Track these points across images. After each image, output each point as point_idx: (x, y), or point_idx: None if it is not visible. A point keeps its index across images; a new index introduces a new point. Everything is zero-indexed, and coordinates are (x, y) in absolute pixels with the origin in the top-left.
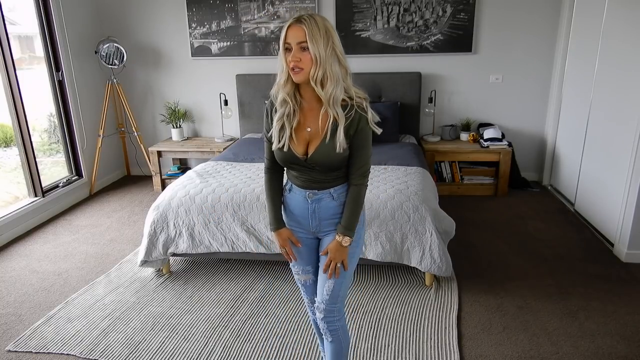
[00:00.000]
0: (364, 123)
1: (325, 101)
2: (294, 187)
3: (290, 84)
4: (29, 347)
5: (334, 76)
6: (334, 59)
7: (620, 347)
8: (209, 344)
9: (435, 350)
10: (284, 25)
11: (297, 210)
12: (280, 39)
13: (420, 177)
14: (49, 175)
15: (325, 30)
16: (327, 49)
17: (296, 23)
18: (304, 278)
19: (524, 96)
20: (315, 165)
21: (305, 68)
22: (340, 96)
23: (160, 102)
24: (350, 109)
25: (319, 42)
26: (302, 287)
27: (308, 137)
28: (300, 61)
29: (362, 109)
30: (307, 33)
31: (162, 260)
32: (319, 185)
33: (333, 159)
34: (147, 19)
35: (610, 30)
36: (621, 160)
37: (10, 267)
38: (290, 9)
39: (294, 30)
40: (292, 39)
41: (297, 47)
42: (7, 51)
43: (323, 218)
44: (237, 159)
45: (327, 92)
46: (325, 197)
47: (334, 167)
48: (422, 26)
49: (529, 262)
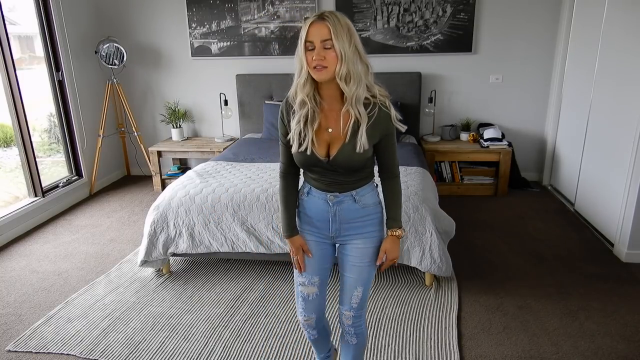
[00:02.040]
0: (389, 121)
1: (349, 99)
2: (313, 189)
3: (310, 84)
4: (29, 347)
5: (356, 74)
6: (356, 57)
7: (620, 347)
8: (209, 344)
9: (435, 350)
10: (304, 24)
11: (316, 214)
12: (301, 38)
13: (420, 177)
14: (49, 175)
15: (347, 28)
16: (350, 46)
17: (319, 20)
18: (308, 291)
19: (524, 96)
20: (337, 167)
21: (330, 66)
22: (363, 95)
23: (160, 102)
24: (373, 107)
25: (344, 39)
26: (303, 301)
27: (329, 138)
28: (325, 59)
29: (386, 107)
30: (331, 30)
31: (162, 260)
32: (341, 187)
33: (356, 160)
34: (147, 19)
35: (610, 30)
36: (621, 160)
37: (10, 267)
38: (290, 9)
39: (317, 27)
40: (315, 36)
41: (321, 45)
42: (7, 51)
43: (344, 221)
44: (237, 159)
45: (351, 91)
46: (347, 199)
47: (357, 168)
48: (422, 26)
49: (529, 262)
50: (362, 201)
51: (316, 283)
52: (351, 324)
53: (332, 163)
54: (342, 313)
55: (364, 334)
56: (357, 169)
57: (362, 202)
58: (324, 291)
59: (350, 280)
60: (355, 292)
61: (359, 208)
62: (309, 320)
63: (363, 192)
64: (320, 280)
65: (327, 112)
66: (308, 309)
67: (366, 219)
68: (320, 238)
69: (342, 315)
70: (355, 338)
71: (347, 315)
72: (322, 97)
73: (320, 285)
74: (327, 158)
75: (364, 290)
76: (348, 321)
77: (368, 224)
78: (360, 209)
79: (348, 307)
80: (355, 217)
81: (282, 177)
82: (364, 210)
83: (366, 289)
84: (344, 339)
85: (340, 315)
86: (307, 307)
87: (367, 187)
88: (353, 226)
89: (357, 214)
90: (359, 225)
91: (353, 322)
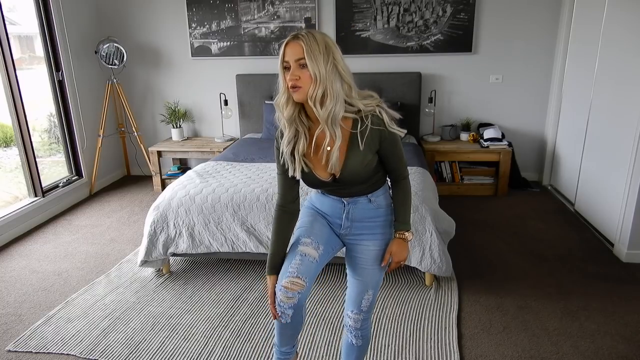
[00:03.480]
0: (383, 129)
1: (322, 121)
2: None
3: (292, 104)
4: (29, 347)
5: (334, 94)
6: (335, 76)
7: (620, 347)
8: (209, 344)
9: (435, 350)
10: (282, 43)
11: (329, 210)
12: (279, 58)
13: (420, 177)
14: (49, 175)
15: (325, 46)
16: (327, 66)
17: (293, 40)
18: (310, 252)
19: (524, 96)
20: (345, 184)
21: (305, 86)
22: (340, 114)
23: (160, 102)
24: (361, 123)
25: (319, 59)
26: (300, 260)
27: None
28: (299, 79)
29: (376, 116)
30: (305, 49)
31: (162, 260)
32: (355, 194)
33: (362, 174)
34: (147, 19)
35: (610, 30)
36: (621, 160)
37: (10, 267)
38: (291, 9)
39: (292, 47)
40: (290, 56)
41: (296, 64)
42: (7, 51)
43: (357, 220)
44: (237, 159)
45: (326, 111)
46: (362, 199)
47: (365, 179)
48: (422, 26)
49: (529, 262)
50: (376, 202)
51: (319, 250)
52: (359, 327)
53: (339, 182)
54: (350, 316)
55: (368, 336)
56: (367, 180)
57: (376, 203)
58: (321, 265)
59: (361, 284)
60: (365, 295)
61: (373, 208)
62: (296, 285)
63: (378, 194)
64: (324, 251)
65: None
66: (303, 269)
67: (377, 220)
68: (331, 224)
69: (348, 317)
70: (361, 340)
71: (355, 318)
72: (310, 118)
73: (321, 256)
74: (333, 176)
75: (374, 293)
76: (356, 324)
77: (378, 225)
78: (374, 209)
79: (357, 310)
80: (367, 217)
81: (278, 210)
82: (377, 211)
83: (376, 292)
84: (347, 340)
85: (346, 317)
86: (302, 266)
87: (381, 189)
88: (365, 225)
89: (370, 214)
90: (370, 226)
91: (361, 325)
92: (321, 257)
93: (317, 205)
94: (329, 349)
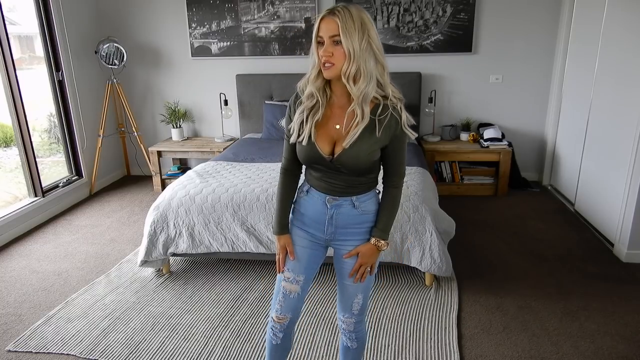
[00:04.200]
0: (398, 126)
1: (355, 98)
2: (313, 190)
3: (321, 78)
4: (29, 347)
5: (367, 73)
6: (369, 54)
7: (620, 347)
8: (209, 344)
9: (435, 350)
10: (317, 17)
11: (312, 214)
12: (313, 32)
13: (420, 177)
14: (49, 175)
15: (360, 23)
16: (362, 43)
17: (329, 15)
18: (291, 289)
19: (524, 96)
20: (341, 167)
21: (337, 63)
22: (372, 94)
23: (160, 102)
24: (384, 110)
25: (354, 36)
26: (283, 298)
27: (335, 135)
28: (333, 56)
29: (397, 111)
30: (340, 26)
31: (162, 260)
32: (342, 190)
33: (361, 162)
34: (147, 19)
35: (610, 30)
36: (621, 160)
37: (10, 267)
38: (291, 8)
39: (327, 22)
40: (325, 32)
41: (330, 40)
42: (7, 51)
43: (340, 226)
44: (237, 159)
45: (359, 89)
46: (346, 204)
47: (361, 171)
48: (422, 26)
49: (529, 262)
50: (361, 207)
51: (300, 282)
52: (353, 330)
53: (336, 162)
54: (342, 320)
55: (364, 338)
56: (361, 172)
57: (361, 209)
58: (305, 292)
59: (350, 288)
60: (355, 299)
61: (357, 214)
62: (282, 320)
63: (364, 199)
64: (305, 279)
65: (335, 108)
66: (285, 307)
67: (364, 226)
68: (312, 238)
69: (341, 321)
70: (356, 342)
71: (348, 322)
72: (332, 91)
73: (303, 284)
74: (331, 156)
75: (364, 297)
76: (349, 327)
77: (365, 231)
78: (358, 215)
79: (349, 314)
80: (352, 223)
81: (282, 173)
82: (362, 216)
83: (366, 296)
84: (342, 343)
85: (340, 321)
86: (285, 304)
87: (368, 194)
88: (349, 232)
89: (355, 219)
90: (355, 232)
91: (355, 328)
92: (304, 285)
93: (302, 210)
94: (329, 349)
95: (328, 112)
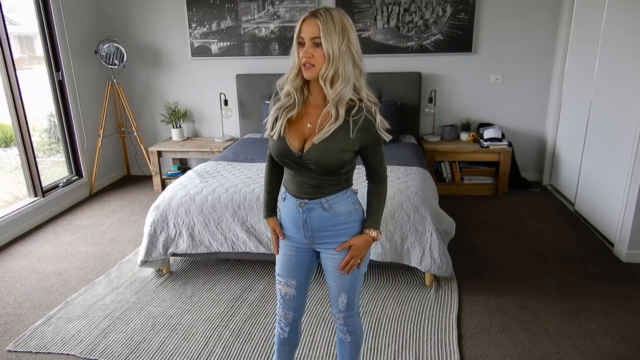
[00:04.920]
0: (373, 128)
1: (330, 100)
2: (288, 196)
3: (300, 78)
4: (29, 347)
5: (345, 75)
6: (348, 58)
7: (620, 347)
8: (209, 344)
9: (435, 350)
10: (299, 19)
11: (290, 220)
12: (295, 33)
13: (420, 177)
14: (49, 175)
15: (341, 26)
16: (341, 47)
17: (311, 17)
18: (285, 290)
19: (524, 96)
20: (309, 163)
21: (317, 65)
22: (348, 96)
23: (160, 102)
24: (358, 112)
25: (334, 39)
26: (281, 298)
27: (307, 133)
28: (313, 57)
29: (371, 114)
30: (321, 28)
31: (162, 260)
32: (311, 191)
33: (330, 160)
34: (147, 19)
35: (610, 30)
36: (621, 160)
37: (10, 267)
38: (291, 8)
39: (308, 24)
40: (306, 33)
41: (310, 42)
42: (7, 51)
43: (316, 229)
44: (237, 159)
45: (336, 91)
46: (317, 207)
47: (329, 169)
48: (422, 26)
49: (529, 262)
50: (332, 209)
51: (293, 285)
52: (343, 324)
53: (304, 158)
54: (334, 314)
55: (357, 332)
56: (330, 171)
57: (332, 210)
58: (302, 293)
59: (333, 288)
60: (339, 298)
61: (329, 216)
62: (285, 316)
63: (334, 200)
64: (298, 283)
65: (311, 108)
66: (286, 306)
67: (339, 228)
68: (295, 244)
69: (333, 316)
70: (349, 336)
71: (337, 317)
72: (310, 91)
73: (297, 287)
74: (300, 152)
75: (348, 296)
76: (340, 321)
77: (342, 234)
78: (331, 218)
79: (336, 310)
80: (326, 226)
81: (268, 160)
82: (335, 219)
83: (351, 295)
84: (338, 337)
85: (333, 315)
86: (285, 304)
87: (339, 195)
88: (326, 235)
89: (329, 222)
90: (332, 234)
91: (345, 322)
92: (298, 288)
93: (283, 216)
94: (329, 349)
95: (302, 111)
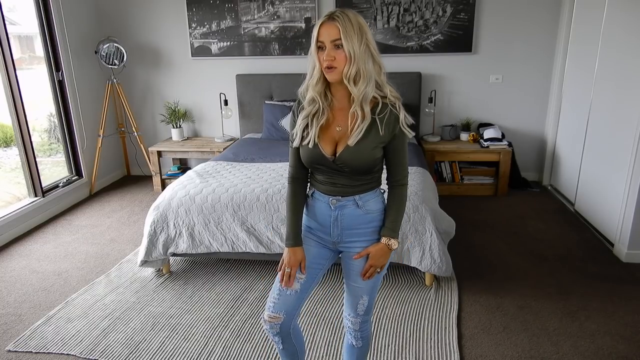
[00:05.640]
0: (398, 122)
1: (356, 99)
2: (317, 192)
3: (322, 82)
4: (29, 347)
5: (367, 74)
6: (367, 56)
7: (620, 347)
8: (209, 344)
9: (435, 350)
10: (316, 23)
11: (319, 217)
12: (312, 38)
13: (420, 177)
14: (49, 175)
15: (358, 26)
16: (361, 46)
17: (329, 20)
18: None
19: (524, 96)
20: (343, 166)
21: (339, 66)
22: (371, 94)
23: (160, 102)
24: (384, 108)
25: (353, 39)
26: (279, 294)
27: (337, 136)
28: (335, 60)
29: (396, 109)
30: (341, 30)
31: (162, 260)
32: (344, 190)
33: (363, 160)
34: (147, 19)
35: (610, 30)
36: (621, 160)
37: (10, 267)
38: (291, 8)
39: (327, 27)
40: (326, 36)
41: (331, 45)
42: (7, 51)
43: (346, 227)
44: (237, 159)
45: (359, 90)
46: (350, 204)
47: (362, 169)
48: (422, 26)
49: (529, 262)
50: (365, 207)
51: (301, 280)
52: (358, 329)
53: (338, 161)
54: (348, 319)
55: (369, 338)
56: (363, 171)
57: (365, 208)
58: (304, 293)
59: (356, 289)
60: (360, 300)
61: (362, 214)
62: (274, 319)
63: (367, 198)
64: (306, 279)
65: (336, 110)
66: (279, 304)
67: (370, 226)
68: (319, 240)
69: (347, 320)
70: (361, 341)
71: (353, 321)
72: (333, 94)
73: (303, 284)
74: (333, 156)
75: (369, 298)
76: (354, 326)
77: (371, 232)
78: (363, 215)
79: (354, 314)
80: (358, 224)
81: (290, 182)
82: (367, 216)
83: (372, 297)
84: (347, 341)
85: (345, 319)
86: (279, 301)
87: (371, 193)
88: (356, 233)
89: (360, 220)
90: (361, 232)
91: (360, 327)
92: (303, 285)
93: (309, 213)
94: (329, 349)
95: (329, 115)
